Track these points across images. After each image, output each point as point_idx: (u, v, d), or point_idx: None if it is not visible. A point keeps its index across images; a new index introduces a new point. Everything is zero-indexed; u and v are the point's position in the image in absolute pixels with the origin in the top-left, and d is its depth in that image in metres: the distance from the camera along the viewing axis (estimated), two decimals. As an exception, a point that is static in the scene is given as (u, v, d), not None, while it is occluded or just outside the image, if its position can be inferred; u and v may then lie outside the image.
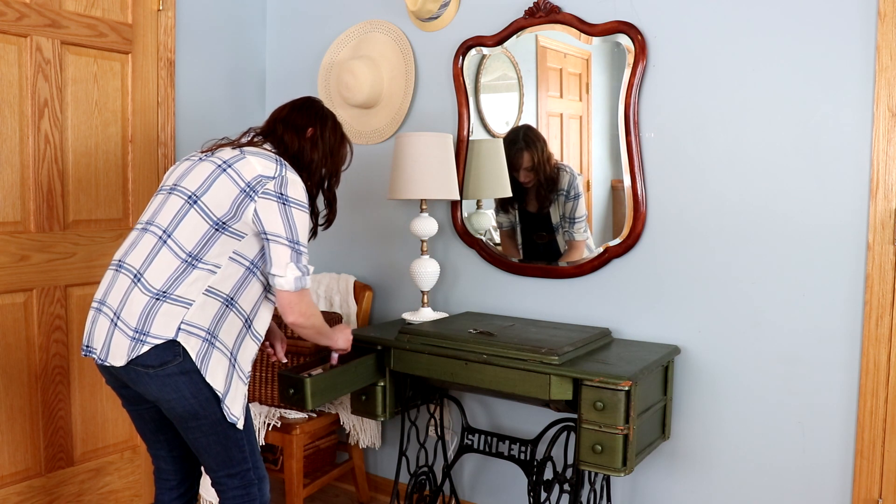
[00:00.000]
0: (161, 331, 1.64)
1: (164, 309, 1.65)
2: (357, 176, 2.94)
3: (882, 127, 1.93)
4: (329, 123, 1.95)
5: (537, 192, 2.51)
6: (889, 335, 1.95)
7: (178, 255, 1.68)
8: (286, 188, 1.73)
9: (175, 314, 1.65)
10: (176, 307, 1.66)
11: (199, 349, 1.67)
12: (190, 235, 1.70)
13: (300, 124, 1.90)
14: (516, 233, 2.61)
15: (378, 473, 2.97)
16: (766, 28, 2.08)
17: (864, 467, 2.00)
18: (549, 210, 2.50)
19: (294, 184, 1.75)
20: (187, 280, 1.67)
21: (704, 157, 2.20)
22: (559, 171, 2.47)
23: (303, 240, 1.74)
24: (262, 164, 1.74)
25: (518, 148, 2.51)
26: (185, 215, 1.71)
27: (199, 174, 1.75)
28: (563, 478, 2.23)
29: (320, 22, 3.02)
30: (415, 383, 2.38)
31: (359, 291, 2.86)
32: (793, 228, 2.08)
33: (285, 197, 1.72)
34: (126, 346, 1.65)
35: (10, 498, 2.37)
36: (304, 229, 1.75)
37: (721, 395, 2.21)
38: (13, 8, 2.29)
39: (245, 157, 1.75)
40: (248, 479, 1.83)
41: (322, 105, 1.99)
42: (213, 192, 1.71)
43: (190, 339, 1.66)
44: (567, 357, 1.99)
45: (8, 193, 2.34)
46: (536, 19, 2.43)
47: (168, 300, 1.66)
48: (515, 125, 2.55)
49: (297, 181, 1.77)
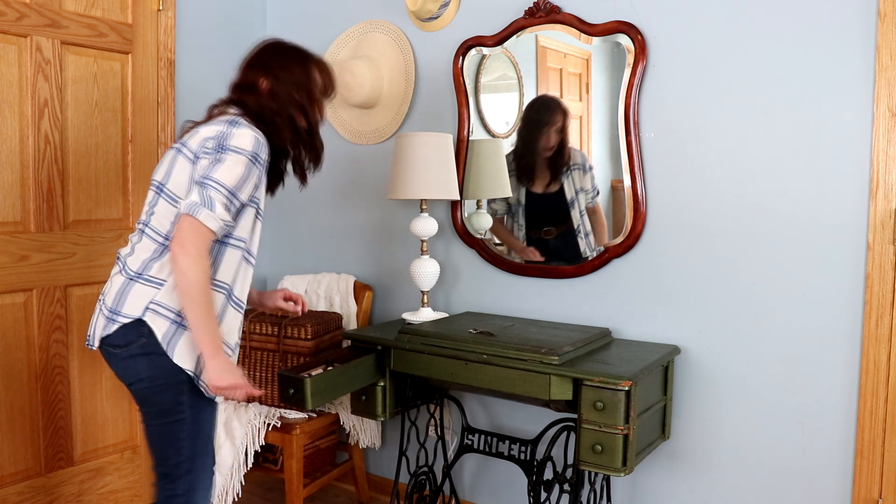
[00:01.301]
0: (129, 310, 1.66)
1: (136, 289, 1.67)
2: (357, 176, 2.94)
3: (882, 127, 1.93)
4: (280, 63, 1.82)
5: (552, 163, 2.45)
6: (889, 335, 1.95)
7: (156, 240, 1.71)
8: (228, 139, 1.66)
9: (145, 294, 1.67)
10: (147, 287, 1.67)
11: (165, 330, 1.66)
12: (163, 220, 1.71)
13: (250, 81, 1.81)
14: (516, 218, 2.56)
15: (378, 473, 2.97)
16: (766, 28, 2.08)
17: (864, 467, 2.00)
18: (564, 185, 2.44)
19: (240, 136, 1.66)
20: (161, 261, 1.69)
21: (704, 157, 2.20)
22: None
23: (225, 181, 1.63)
24: (210, 130, 1.70)
25: (550, 109, 2.46)
26: (156, 205, 1.74)
27: (164, 163, 1.77)
28: (563, 478, 2.23)
29: (320, 22, 3.02)
30: (415, 383, 2.38)
31: (359, 291, 2.86)
32: (793, 228, 2.08)
33: (223, 146, 1.65)
34: (101, 326, 1.69)
35: (9, 498, 2.37)
36: (232, 173, 1.64)
37: (721, 395, 2.21)
38: (13, 8, 2.29)
39: (198, 131, 1.73)
40: (173, 487, 1.74)
41: (272, 46, 1.86)
42: (174, 177, 1.72)
43: (157, 320, 1.66)
44: (567, 357, 1.99)
45: (8, 193, 2.34)
46: (536, 19, 2.43)
47: (140, 280, 1.68)
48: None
49: (247, 133, 1.67)
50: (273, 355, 2.60)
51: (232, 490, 2.45)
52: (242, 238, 1.76)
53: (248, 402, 2.61)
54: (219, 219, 1.63)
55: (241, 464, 2.45)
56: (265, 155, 1.72)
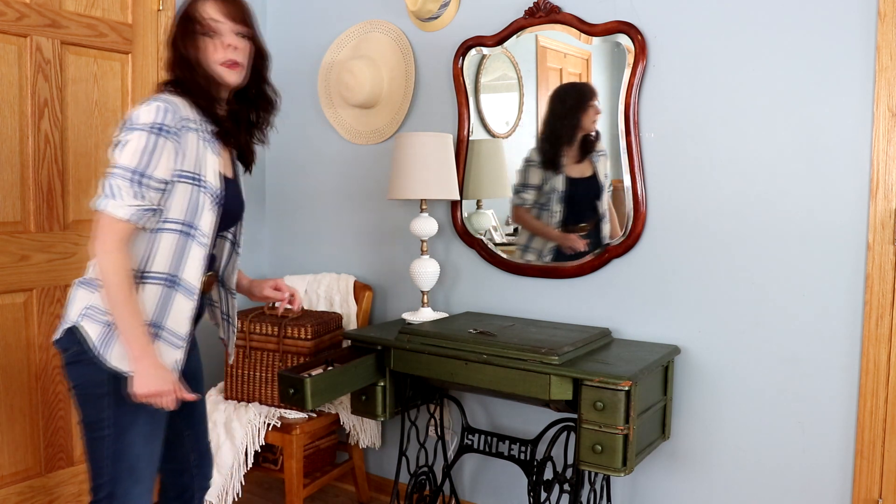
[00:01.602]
0: (70, 315, 1.61)
1: (79, 294, 1.62)
2: (357, 176, 2.94)
3: (882, 127, 1.93)
4: (173, 28, 1.69)
5: (585, 145, 2.41)
6: (889, 335, 1.95)
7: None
8: (126, 123, 1.55)
9: (84, 298, 1.60)
10: (87, 291, 1.61)
11: (99, 333, 1.57)
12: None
13: (167, 62, 1.69)
14: (549, 206, 2.48)
15: (378, 473, 2.97)
16: (766, 28, 2.08)
17: (864, 467, 2.00)
18: (597, 169, 2.40)
19: (137, 114, 1.54)
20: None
21: (704, 157, 2.20)
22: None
23: (126, 163, 1.51)
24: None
25: (586, 90, 2.42)
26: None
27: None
28: (563, 478, 2.23)
29: (320, 22, 3.02)
30: (415, 383, 2.38)
31: (359, 291, 2.86)
32: (793, 228, 2.08)
33: (122, 130, 1.55)
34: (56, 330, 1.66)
35: (10, 498, 2.37)
36: (131, 153, 1.51)
37: (721, 395, 2.21)
38: (13, 8, 2.29)
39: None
40: (95, 501, 1.63)
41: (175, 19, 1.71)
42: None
43: (90, 325, 1.57)
44: (567, 357, 1.99)
45: (8, 193, 2.34)
46: (536, 19, 2.43)
47: (83, 285, 1.63)
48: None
49: (144, 108, 1.54)
50: (273, 355, 2.60)
51: (232, 490, 2.45)
52: (178, 219, 1.59)
53: (249, 403, 2.61)
54: (127, 206, 1.50)
55: (241, 464, 2.45)
56: (174, 121, 1.55)
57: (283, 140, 3.10)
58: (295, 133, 3.11)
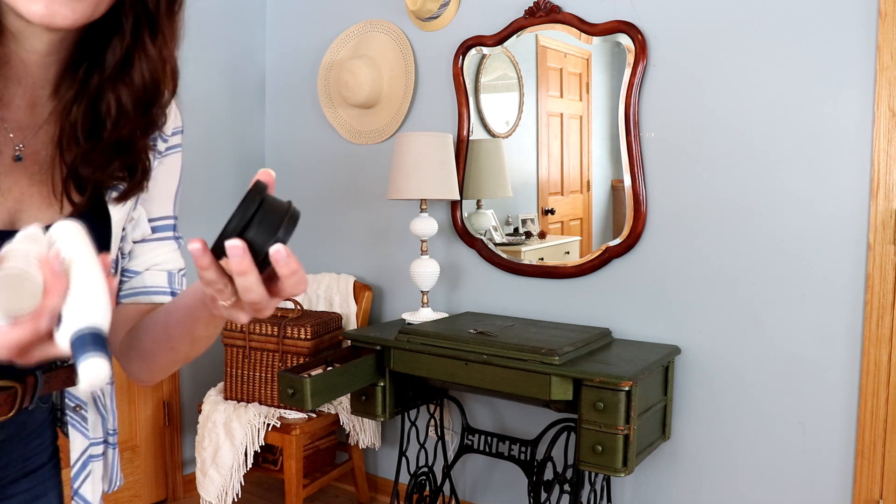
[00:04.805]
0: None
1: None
2: (357, 176, 2.94)
3: (883, 127, 1.93)
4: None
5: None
6: (890, 335, 1.95)
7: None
8: None
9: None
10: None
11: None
12: None
13: None
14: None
15: (378, 474, 2.97)
16: (766, 28, 2.08)
17: (865, 467, 2.00)
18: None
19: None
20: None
21: (704, 157, 2.19)
22: None
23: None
24: None
25: None
26: None
27: None
28: (564, 478, 2.23)
29: (320, 22, 3.02)
30: (415, 383, 2.38)
31: (359, 291, 2.85)
32: (793, 228, 2.07)
33: None
34: None
35: (9, 498, 2.36)
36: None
37: (721, 395, 2.21)
38: (13, 7, 2.28)
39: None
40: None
41: None
42: None
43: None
44: (567, 357, 1.99)
45: (7, 193, 2.33)
46: (536, 19, 2.43)
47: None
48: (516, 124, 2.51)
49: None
50: (273, 355, 2.60)
51: (231, 490, 2.45)
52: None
53: (249, 403, 2.61)
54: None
55: (240, 464, 2.45)
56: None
57: (283, 140, 3.10)
58: (295, 133, 3.11)
